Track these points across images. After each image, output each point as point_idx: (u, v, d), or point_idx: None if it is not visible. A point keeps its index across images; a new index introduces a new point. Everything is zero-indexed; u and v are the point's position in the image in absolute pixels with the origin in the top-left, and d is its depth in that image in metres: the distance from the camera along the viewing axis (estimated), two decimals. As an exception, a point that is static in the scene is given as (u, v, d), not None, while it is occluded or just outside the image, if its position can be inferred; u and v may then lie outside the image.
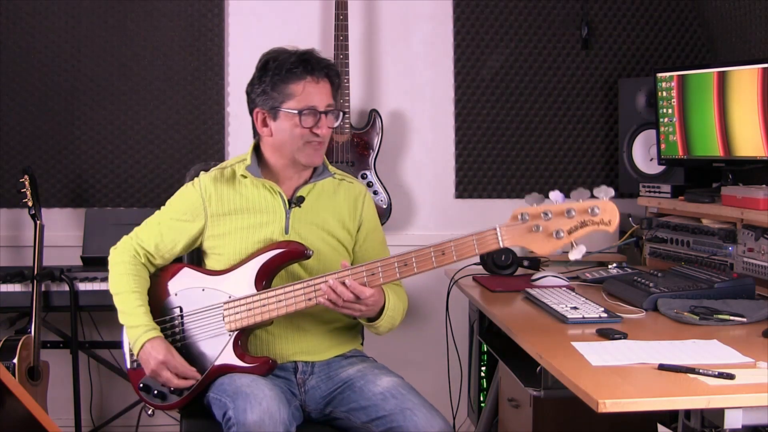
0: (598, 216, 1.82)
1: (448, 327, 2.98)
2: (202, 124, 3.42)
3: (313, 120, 2.05)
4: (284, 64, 2.05)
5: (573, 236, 1.83)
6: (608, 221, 1.83)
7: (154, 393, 2.09)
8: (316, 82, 2.06)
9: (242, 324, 2.02)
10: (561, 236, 1.83)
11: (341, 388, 2.07)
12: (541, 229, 1.84)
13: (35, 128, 3.36)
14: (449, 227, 3.52)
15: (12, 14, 3.32)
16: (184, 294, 2.10)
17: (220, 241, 2.12)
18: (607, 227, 1.84)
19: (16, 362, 2.85)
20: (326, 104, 2.07)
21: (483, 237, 1.89)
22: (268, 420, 1.81)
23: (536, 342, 1.97)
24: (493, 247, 1.89)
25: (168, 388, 2.07)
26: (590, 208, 1.83)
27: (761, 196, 2.44)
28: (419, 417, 1.90)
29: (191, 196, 2.16)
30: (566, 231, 1.83)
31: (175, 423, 3.44)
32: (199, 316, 2.07)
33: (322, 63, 2.08)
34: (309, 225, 2.13)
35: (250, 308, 2.01)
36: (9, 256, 3.39)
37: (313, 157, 2.10)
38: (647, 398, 1.58)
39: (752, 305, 2.19)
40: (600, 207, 1.83)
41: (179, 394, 2.07)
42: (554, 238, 1.83)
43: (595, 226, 1.83)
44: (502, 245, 1.88)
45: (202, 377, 2.05)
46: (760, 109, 2.55)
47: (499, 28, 3.47)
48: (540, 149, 3.51)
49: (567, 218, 1.84)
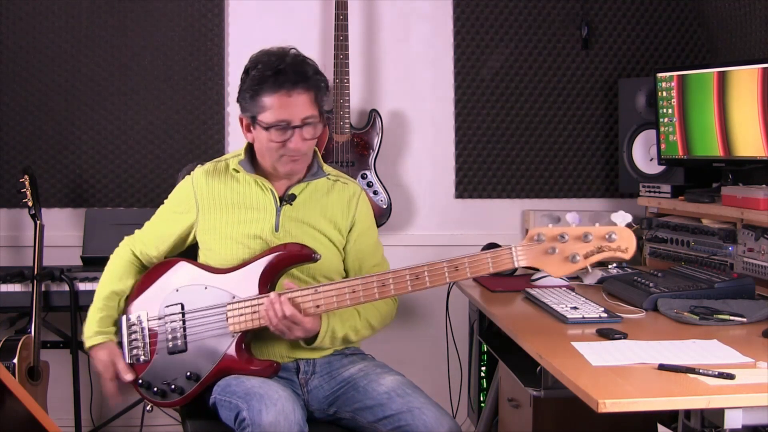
0: (615, 243, 1.81)
1: (448, 327, 2.98)
2: (202, 124, 3.42)
3: (282, 135, 2.02)
4: (259, 75, 2.01)
5: (589, 261, 1.82)
6: (625, 249, 1.82)
7: (154, 390, 2.08)
8: (289, 95, 2.00)
9: (246, 326, 2.02)
10: (577, 260, 1.82)
11: (344, 388, 2.06)
12: (557, 251, 1.83)
13: (35, 128, 3.36)
14: (449, 227, 3.53)
15: (12, 14, 3.32)
16: (186, 291, 2.09)
17: (209, 236, 2.13)
18: (623, 254, 1.82)
19: (16, 362, 2.85)
20: (302, 117, 2.01)
21: (498, 256, 1.87)
22: (284, 420, 1.81)
23: (536, 342, 1.97)
24: (508, 267, 1.87)
25: (169, 386, 2.06)
26: (608, 234, 1.82)
27: (761, 196, 2.44)
28: (428, 416, 1.90)
29: (185, 188, 2.19)
30: (582, 255, 1.82)
31: (176, 423, 3.44)
32: (202, 314, 2.07)
33: (299, 74, 2.01)
34: (299, 223, 2.12)
35: (254, 310, 2.01)
36: (9, 256, 3.39)
37: (291, 168, 2.09)
38: (647, 398, 1.58)
39: (752, 305, 2.19)
40: (617, 234, 1.82)
41: (180, 392, 2.06)
42: (570, 261, 1.82)
43: (611, 253, 1.81)
44: (517, 265, 1.87)
45: (204, 377, 2.04)
46: (760, 109, 2.55)
47: (499, 28, 3.47)
48: (540, 149, 3.51)
49: (584, 242, 1.82)
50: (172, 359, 2.07)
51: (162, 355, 2.08)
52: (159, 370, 2.08)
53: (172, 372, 2.07)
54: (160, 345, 2.08)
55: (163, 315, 2.09)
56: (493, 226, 3.52)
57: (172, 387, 2.06)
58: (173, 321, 2.08)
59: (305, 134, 2.03)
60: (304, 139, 2.03)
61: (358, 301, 1.96)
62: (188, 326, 2.07)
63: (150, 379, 2.08)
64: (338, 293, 1.96)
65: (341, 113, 3.24)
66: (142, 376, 2.09)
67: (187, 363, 2.06)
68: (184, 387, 2.06)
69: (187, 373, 2.05)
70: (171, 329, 2.08)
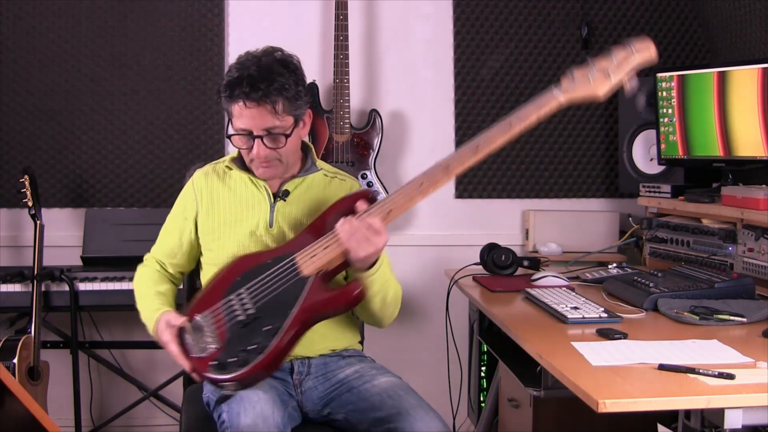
0: (636, 49, 1.89)
1: (448, 327, 2.98)
2: (202, 124, 3.42)
3: (246, 142, 2.03)
4: (226, 81, 2.00)
5: (622, 70, 1.89)
6: (645, 48, 1.89)
7: (231, 360, 1.86)
8: (245, 107, 1.98)
9: (322, 262, 1.94)
10: (610, 74, 1.89)
11: (339, 389, 2.06)
12: (592, 78, 1.90)
13: (35, 128, 3.36)
14: (449, 227, 3.53)
15: (12, 14, 3.32)
16: (246, 275, 1.99)
17: (210, 236, 2.13)
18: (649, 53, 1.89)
19: (16, 362, 2.85)
20: (262, 128, 2.00)
21: (541, 98, 1.91)
22: (262, 423, 1.81)
23: (536, 342, 1.97)
24: (553, 105, 1.91)
25: (246, 350, 1.85)
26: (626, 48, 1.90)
27: (761, 196, 2.44)
28: (416, 418, 1.89)
29: (187, 193, 2.20)
30: (615, 68, 1.89)
31: (175, 423, 3.44)
32: (265, 277, 1.96)
33: (255, 86, 1.97)
34: (293, 219, 2.12)
35: (326, 246, 1.94)
36: (9, 256, 3.39)
37: (263, 173, 2.08)
38: (647, 398, 1.58)
39: (752, 305, 2.19)
40: (635, 45, 1.89)
41: (261, 350, 1.85)
42: (607, 79, 1.89)
43: (639, 57, 1.89)
44: (562, 101, 1.90)
45: (288, 323, 1.88)
46: (760, 109, 2.55)
47: (499, 28, 3.47)
48: (540, 149, 3.51)
49: (610, 62, 1.89)
50: (242, 330, 1.90)
51: (232, 330, 1.91)
52: (232, 345, 1.88)
53: (246, 339, 1.88)
54: (228, 325, 1.92)
55: (225, 297, 1.97)
56: (493, 226, 3.52)
57: (253, 346, 1.85)
58: (239, 295, 1.96)
59: (267, 143, 2.02)
60: (266, 147, 2.02)
61: (426, 192, 1.94)
62: (255, 293, 1.95)
63: (224, 357, 1.87)
64: (404, 195, 1.94)
65: (341, 113, 3.24)
66: (217, 357, 1.87)
67: (262, 322, 1.90)
68: (264, 343, 1.86)
69: (266, 327, 1.88)
70: (238, 303, 1.95)
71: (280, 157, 2.06)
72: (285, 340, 1.87)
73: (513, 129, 1.92)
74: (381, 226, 1.91)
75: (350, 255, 1.92)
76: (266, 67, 2.00)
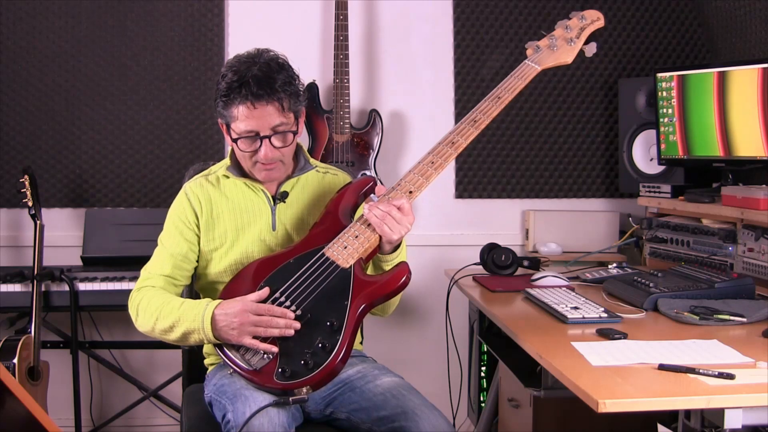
0: (588, 21, 2.28)
1: (448, 327, 2.98)
2: (202, 124, 3.42)
3: (251, 144, 2.02)
4: (226, 85, 1.99)
5: (581, 39, 2.27)
6: (597, 18, 2.29)
7: (300, 363, 1.83)
8: (254, 107, 1.97)
9: (358, 251, 1.94)
10: (574, 42, 2.26)
11: (341, 389, 2.06)
12: (557, 47, 2.25)
13: (35, 128, 3.36)
14: (449, 227, 3.53)
15: (12, 14, 3.32)
16: (271, 280, 1.96)
17: (213, 245, 2.12)
18: (598, 22, 2.29)
19: (16, 362, 2.85)
20: (271, 126, 1.99)
21: (521, 69, 2.20)
22: (267, 423, 1.81)
23: (536, 342, 1.97)
24: (533, 73, 2.21)
25: (313, 352, 1.82)
26: (579, 17, 2.29)
27: (761, 196, 2.44)
28: (423, 418, 1.89)
29: (182, 204, 2.14)
30: (574, 37, 2.26)
31: (175, 423, 3.44)
32: (300, 277, 1.94)
33: (263, 85, 1.97)
34: (296, 218, 2.12)
35: (356, 235, 1.96)
36: (9, 256, 3.39)
37: (266, 176, 2.08)
38: (647, 398, 1.58)
39: (752, 305, 2.19)
40: (585, 15, 2.29)
41: (330, 350, 1.83)
42: (569, 45, 2.26)
43: (590, 26, 2.28)
44: (539, 68, 2.20)
45: (347, 320, 1.86)
46: (760, 109, 2.55)
47: (499, 28, 3.47)
48: (540, 149, 3.52)
49: (569, 32, 2.26)
50: (295, 333, 1.87)
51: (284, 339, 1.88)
52: (291, 349, 1.86)
53: (306, 340, 1.86)
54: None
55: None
56: (493, 226, 3.52)
57: (319, 345, 1.83)
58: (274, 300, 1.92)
59: (275, 142, 2.02)
60: (273, 147, 2.02)
61: (440, 169, 2.01)
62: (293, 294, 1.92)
63: (288, 363, 1.84)
64: (419, 173, 2.00)
65: (341, 113, 3.24)
66: (280, 365, 1.84)
67: (317, 321, 1.88)
68: (328, 342, 1.85)
69: (329, 322, 1.87)
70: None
71: (282, 158, 2.06)
72: (348, 332, 1.87)
73: (503, 100, 2.14)
74: (409, 207, 1.96)
75: (383, 239, 1.96)
76: (267, 67, 2.00)
